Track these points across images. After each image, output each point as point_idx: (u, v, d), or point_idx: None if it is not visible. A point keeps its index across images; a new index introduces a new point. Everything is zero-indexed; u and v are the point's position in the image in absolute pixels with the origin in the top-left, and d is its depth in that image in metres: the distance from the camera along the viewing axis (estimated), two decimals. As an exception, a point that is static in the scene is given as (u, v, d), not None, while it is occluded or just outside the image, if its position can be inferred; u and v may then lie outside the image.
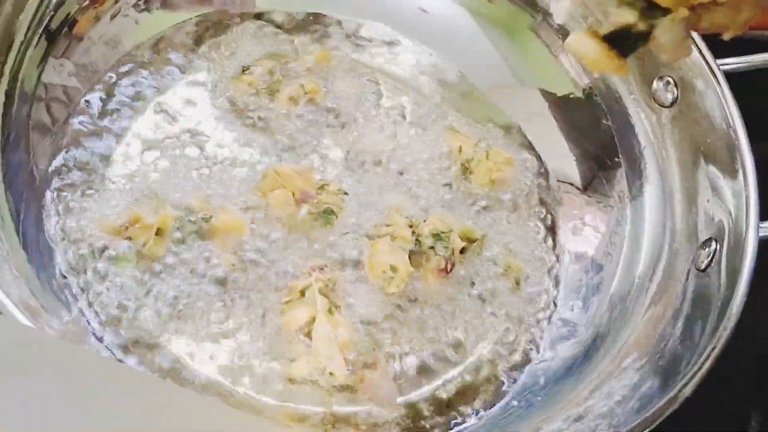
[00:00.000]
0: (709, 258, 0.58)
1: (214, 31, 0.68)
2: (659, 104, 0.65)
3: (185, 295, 0.57)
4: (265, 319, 0.58)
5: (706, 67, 0.62)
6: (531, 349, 0.61)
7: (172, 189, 0.61)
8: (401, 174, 0.65)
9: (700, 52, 0.62)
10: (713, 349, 0.53)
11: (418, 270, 0.61)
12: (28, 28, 0.59)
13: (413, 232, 0.62)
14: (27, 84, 0.59)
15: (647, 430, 0.50)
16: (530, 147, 0.68)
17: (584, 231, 0.66)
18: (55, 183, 0.59)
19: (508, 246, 0.64)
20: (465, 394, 0.59)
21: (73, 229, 0.58)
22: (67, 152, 0.61)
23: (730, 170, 0.59)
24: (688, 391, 0.51)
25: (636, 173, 0.66)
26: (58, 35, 0.62)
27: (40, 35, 0.60)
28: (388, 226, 0.62)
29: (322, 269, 0.60)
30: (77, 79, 0.62)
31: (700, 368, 0.52)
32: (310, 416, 0.56)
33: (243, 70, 0.67)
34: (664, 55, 0.51)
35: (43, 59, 0.61)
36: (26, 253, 0.55)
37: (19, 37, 0.59)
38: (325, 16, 0.70)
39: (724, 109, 0.60)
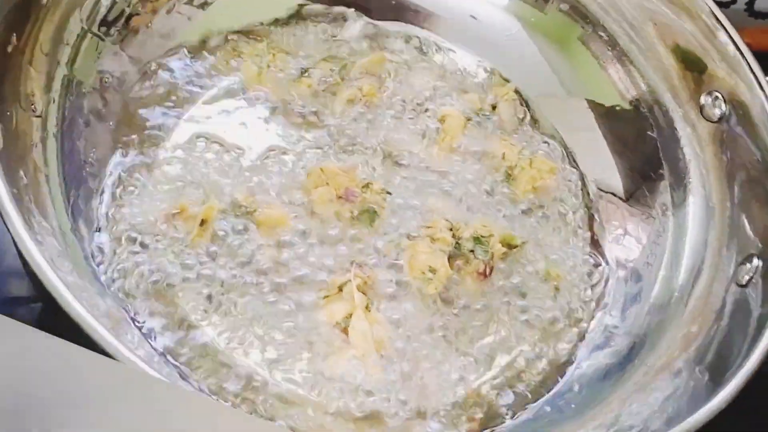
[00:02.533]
0: (751, 274, 0.58)
1: (270, 31, 0.70)
2: (706, 119, 0.65)
3: (226, 284, 0.58)
4: (302, 312, 0.58)
5: (756, 83, 0.62)
6: (566, 355, 0.61)
7: (218, 182, 0.62)
8: (445, 177, 0.66)
9: (750, 67, 0.62)
10: (750, 365, 0.52)
11: (457, 273, 0.61)
12: (87, 18, 0.61)
13: (453, 235, 0.62)
14: (84, 72, 0.61)
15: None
16: (574, 156, 0.69)
17: (625, 240, 0.66)
18: (106, 170, 0.60)
19: (549, 253, 0.64)
20: (498, 397, 0.59)
21: (120, 216, 0.59)
22: (118, 139, 0.62)
23: (775, 187, 0.60)
24: (721, 405, 0.51)
25: (679, 186, 0.65)
26: (114, 26, 0.63)
27: (98, 25, 0.62)
28: (428, 227, 0.62)
29: (361, 266, 0.60)
30: (132, 69, 0.64)
31: (735, 383, 0.51)
32: (343, 412, 0.56)
33: (302, 73, 0.68)
34: None
35: (100, 49, 0.62)
36: (73, 234, 0.56)
37: (76, 28, 0.60)
38: (373, 23, 0.72)
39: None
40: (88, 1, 0.61)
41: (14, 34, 0.55)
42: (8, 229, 0.47)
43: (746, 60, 0.63)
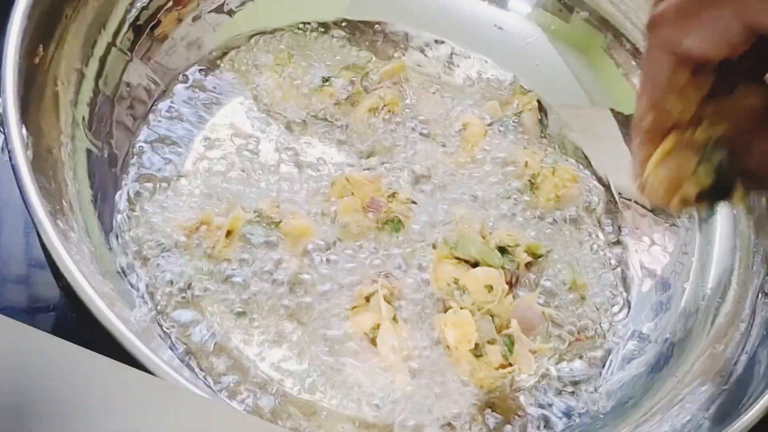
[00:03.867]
0: (779, 283, 0.58)
1: (293, 40, 0.70)
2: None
3: (253, 294, 0.58)
4: (330, 323, 0.58)
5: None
6: (595, 366, 0.61)
7: (243, 193, 0.62)
8: (469, 187, 0.66)
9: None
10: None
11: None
12: (115, 29, 0.61)
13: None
14: (110, 82, 0.61)
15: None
16: (597, 165, 0.69)
17: (652, 250, 0.66)
18: (131, 178, 0.60)
19: (574, 262, 0.64)
20: (527, 408, 0.58)
21: (145, 226, 0.59)
22: (143, 149, 0.62)
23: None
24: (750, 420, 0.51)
25: (706, 196, 0.65)
26: (141, 36, 0.63)
27: (124, 35, 0.62)
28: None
29: (388, 277, 0.60)
30: (158, 79, 0.64)
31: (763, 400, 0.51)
32: (369, 423, 0.56)
33: (323, 81, 0.68)
34: None
35: (126, 60, 0.62)
36: (105, 247, 0.56)
37: (104, 37, 0.60)
38: (394, 31, 0.72)
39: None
40: (114, 15, 0.61)
41: (41, 46, 0.55)
42: (42, 241, 0.47)
43: None
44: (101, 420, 0.41)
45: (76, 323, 0.59)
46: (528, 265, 0.62)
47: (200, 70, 0.67)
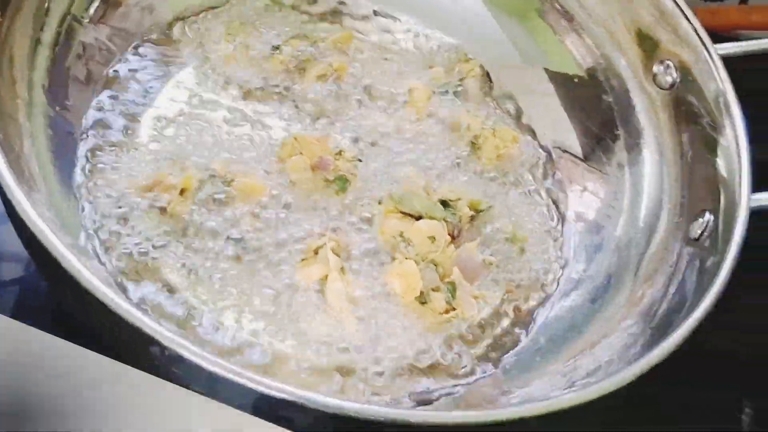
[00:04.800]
0: (702, 228, 0.62)
1: (244, 10, 0.73)
2: (659, 87, 0.69)
3: (206, 251, 0.60)
4: (280, 276, 0.61)
5: (703, 49, 0.66)
6: (533, 311, 0.64)
7: (196, 154, 0.64)
8: (412, 147, 0.69)
9: (699, 37, 0.66)
10: (699, 313, 0.55)
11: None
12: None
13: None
14: (66, 47, 0.63)
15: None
16: (535, 123, 0.72)
17: (584, 196, 0.70)
18: (87, 139, 0.63)
19: (514, 216, 0.67)
20: (463, 354, 0.61)
21: (100, 185, 0.61)
22: (99, 111, 0.64)
23: (725, 147, 0.63)
24: (668, 350, 0.53)
25: (634, 147, 0.69)
26: (95, 1, 0.66)
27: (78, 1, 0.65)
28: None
29: (335, 231, 0.63)
30: (112, 42, 0.66)
31: (682, 329, 0.54)
32: (321, 368, 0.59)
33: (274, 49, 0.71)
34: None
35: (81, 25, 0.65)
36: (62, 199, 0.58)
37: (59, 4, 0.63)
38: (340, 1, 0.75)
39: (721, 89, 0.64)
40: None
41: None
42: (6, 198, 0.49)
43: (695, 30, 0.67)
44: (100, 420, 0.42)
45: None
46: (470, 220, 0.66)
47: (156, 36, 0.69)
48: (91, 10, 0.65)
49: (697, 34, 0.66)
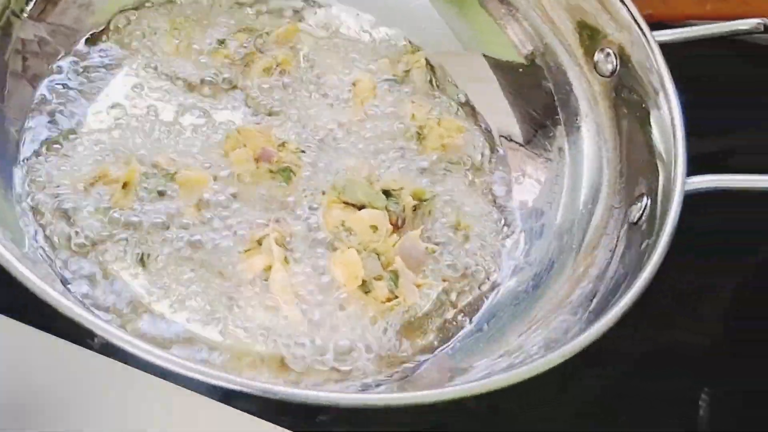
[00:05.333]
0: (641, 212, 0.63)
1: (187, 4, 0.73)
2: (600, 74, 0.70)
3: (149, 243, 0.60)
4: (223, 267, 0.61)
5: (643, 39, 0.67)
6: (477, 297, 0.65)
7: (139, 148, 0.64)
8: (357, 138, 0.69)
9: (638, 24, 0.67)
10: (633, 293, 0.56)
11: (370, 226, 0.65)
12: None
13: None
14: (5, 45, 0.63)
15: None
16: (478, 111, 0.73)
17: (526, 182, 0.70)
18: (27, 135, 0.63)
19: (458, 204, 0.68)
20: (409, 340, 0.62)
21: (42, 181, 0.61)
22: (39, 107, 0.64)
23: (662, 131, 0.64)
24: (604, 327, 0.54)
25: (574, 132, 0.70)
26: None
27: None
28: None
29: (279, 222, 0.63)
30: (53, 38, 0.66)
31: (617, 307, 0.55)
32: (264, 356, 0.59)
33: (219, 43, 0.71)
34: None
35: (20, 18, 0.65)
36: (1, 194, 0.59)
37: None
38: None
39: (654, 69, 0.65)
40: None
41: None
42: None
43: (634, 18, 0.68)
44: (96, 418, 0.43)
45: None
46: (414, 209, 0.66)
47: (97, 31, 0.69)
48: (29, 6, 0.65)
49: (635, 21, 0.67)
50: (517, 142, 0.72)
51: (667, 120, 0.64)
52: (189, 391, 0.46)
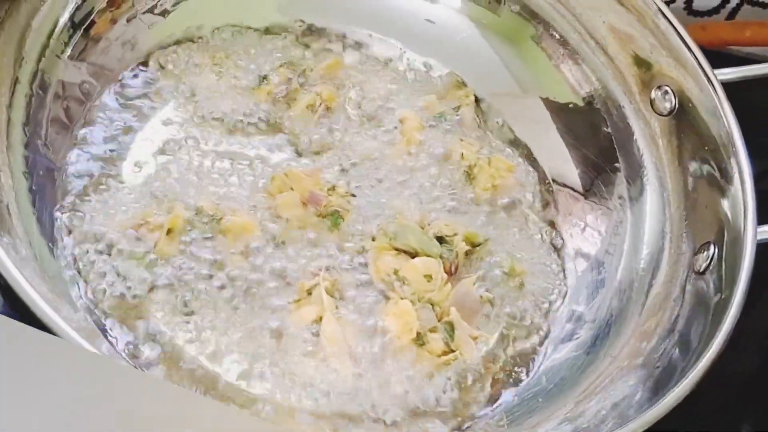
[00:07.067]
0: (708, 261, 0.60)
1: (229, 39, 0.70)
2: (657, 113, 0.67)
3: (195, 293, 0.58)
4: (273, 318, 0.58)
5: (703, 77, 0.64)
6: (533, 349, 0.62)
7: (183, 191, 0.62)
8: (407, 180, 0.67)
9: (698, 62, 0.64)
10: (709, 353, 0.54)
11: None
12: (48, 31, 0.61)
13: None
14: (45, 85, 0.61)
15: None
16: (531, 153, 0.70)
17: (586, 233, 0.67)
18: (70, 181, 0.60)
19: (511, 250, 0.65)
20: (466, 393, 0.59)
21: (84, 226, 0.59)
22: (82, 150, 0.62)
23: (728, 176, 0.61)
24: (680, 395, 0.52)
25: (635, 178, 0.67)
26: (75, 37, 0.63)
27: (58, 37, 0.62)
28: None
29: (328, 269, 0.61)
30: (94, 79, 0.64)
31: (693, 373, 0.53)
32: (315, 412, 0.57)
33: (261, 79, 0.69)
34: None
35: (61, 61, 0.62)
36: (46, 247, 0.56)
37: (38, 39, 0.60)
38: (329, 28, 0.73)
39: (721, 117, 0.62)
40: (48, 18, 0.61)
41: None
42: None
43: (693, 54, 0.65)
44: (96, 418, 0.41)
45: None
46: (467, 254, 0.64)
47: (137, 70, 0.67)
48: (70, 46, 0.63)
49: (695, 57, 0.65)
50: (574, 189, 0.69)
51: (733, 163, 0.61)
52: (189, 392, 0.47)
